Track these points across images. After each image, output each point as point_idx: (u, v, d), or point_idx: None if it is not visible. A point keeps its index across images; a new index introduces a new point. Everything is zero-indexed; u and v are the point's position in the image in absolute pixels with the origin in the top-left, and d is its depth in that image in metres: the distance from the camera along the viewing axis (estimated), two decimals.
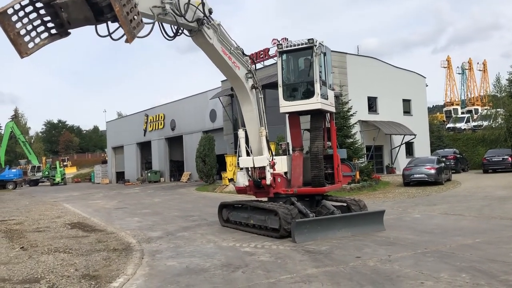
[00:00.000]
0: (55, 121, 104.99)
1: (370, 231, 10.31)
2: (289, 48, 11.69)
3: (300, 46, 11.47)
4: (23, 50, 6.52)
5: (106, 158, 64.62)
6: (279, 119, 27.84)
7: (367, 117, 32.85)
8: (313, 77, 11.20)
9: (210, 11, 9.79)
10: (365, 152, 29.16)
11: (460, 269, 6.84)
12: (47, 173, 57.79)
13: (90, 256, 9.00)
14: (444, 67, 76.43)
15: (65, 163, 74.49)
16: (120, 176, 56.12)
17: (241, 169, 11.97)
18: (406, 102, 36.66)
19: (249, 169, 11.49)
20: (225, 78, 12.30)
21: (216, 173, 34.29)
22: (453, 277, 6.43)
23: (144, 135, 51.25)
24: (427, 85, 39.45)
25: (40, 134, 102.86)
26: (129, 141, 54.23)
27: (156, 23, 8.52)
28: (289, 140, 13.21)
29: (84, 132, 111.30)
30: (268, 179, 10.96)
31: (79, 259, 8.69)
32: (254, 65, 11.67)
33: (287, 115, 12.45)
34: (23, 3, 6.46)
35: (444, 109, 67.05)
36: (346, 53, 32.66)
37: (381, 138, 32.94)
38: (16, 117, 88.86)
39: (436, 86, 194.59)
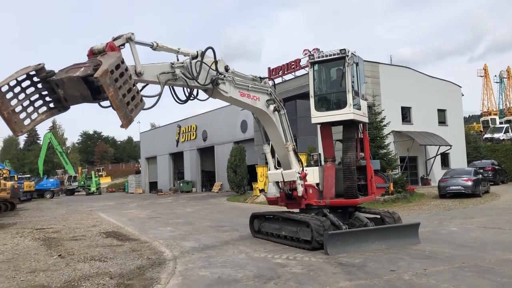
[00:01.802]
0: (91, 132, 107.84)
1: (405, 244, 10.08)
2: (321, 59, 11.67)
3: (332, 57, 11.43)
4: (18, 129, 6.19)
5: (140, 168, 65.85)
6: (311, 130, 27.75)
7: (401, 127, 32.32)
8: (346, 88, 11.13)
9: (226, 69, 9.34)
10: (399, 163, 28.64)
11: (501, 285, 6.59)
12: (83, 182, 59.34)
13: (125, 265, 9.16)
14: (481, 76, 74.46)
15: (100, 173, 76.26)
16: (153, 186, 57.03)
17: None
18: (441, 112, 35.89)
19: (280, 182, 11.48)
20: None
21: (247, 184, 34.37)
22: None
23: (177, 146, 52.02)
24: (463, 95, 38.57)
25: (77, 144, 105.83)
26: (162, 151, 55.14)
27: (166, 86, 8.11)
28: (321, 151, 13.12)
29: (119, 142, 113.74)
30: (300, 191, 10.89)
31: (114, 268, 8.85)
32: (273, 81, 11.39)
33: (319, 126, 12.38)
34: (19, 78, 6.21)
35: (481, 119, 65.29)
36: (379, 63, 32.35)
37: (416, 149, 32.29)
38: (54, 128, 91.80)
39: (472, 96, 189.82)
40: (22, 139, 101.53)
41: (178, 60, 8.31)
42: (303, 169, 11.24)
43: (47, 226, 17.53)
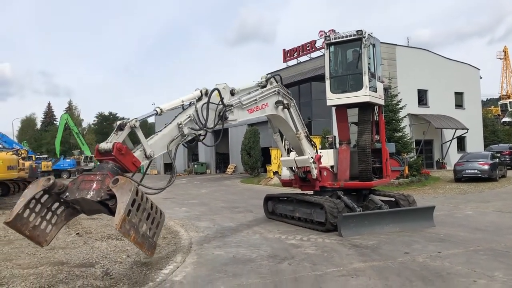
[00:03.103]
0: (106, 113, 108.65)
1: (419, 227, 10.06)
2: (337, 40, 11.54)
3: (348, 38, 11.29)
4: (42, 240, 5.96)
5: None
6: (326, 112, 27.62)
7: (417, 110, 32.00)
8: (362, 69, 11.01)
9: (232, 93, 8.88)
10: (414, 146, 28.43)
11: None
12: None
13: None
14: (501, 58, 73.04)
15: None
16: (168, 167, 57.47)
17: None
18: (459, 95, 35.41)
19: (293, 167, 11.47)
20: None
21: (261, 166, 34.47)
22: (509, 276, 6.19)
23: None
24: (481, 77, 37.95)
25: (92, 125, 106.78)
26: None
27: None
28: (335, 133, 13.08)
29: None
30: (314, 174, 10.88)
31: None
32: (279, 77, 10.87)
33: (334, 108, 12.31)
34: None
35: (500, 102, 64.27)
36: (396, 45, 31.91)
37: (431, 132, 31.98)
38: (70, 109, 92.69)
39: (491, 79, 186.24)
40: (39, 120, 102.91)
41: (183, 108, 8.02)
42: (317, 152, 11.23)
43: None
